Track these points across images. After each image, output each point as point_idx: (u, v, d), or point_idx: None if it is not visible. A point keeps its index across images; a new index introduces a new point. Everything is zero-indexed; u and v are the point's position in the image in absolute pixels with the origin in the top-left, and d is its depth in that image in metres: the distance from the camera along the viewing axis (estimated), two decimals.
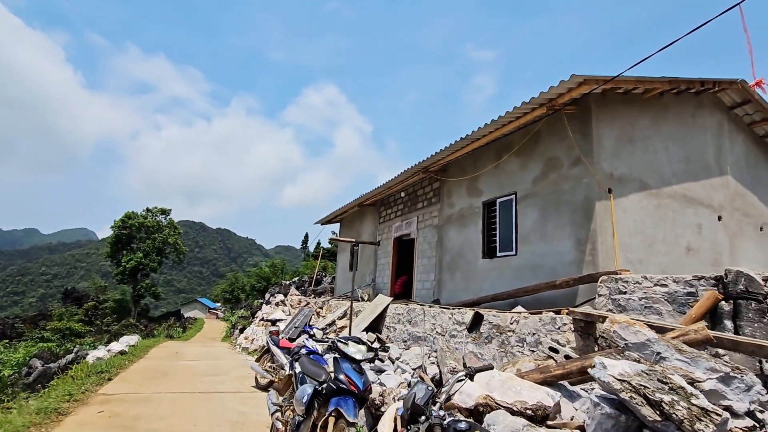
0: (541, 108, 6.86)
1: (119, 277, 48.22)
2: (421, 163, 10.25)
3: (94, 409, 5.08)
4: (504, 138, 8.55)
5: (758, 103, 8.52)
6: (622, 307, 5.02)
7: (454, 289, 9.66)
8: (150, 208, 53.05)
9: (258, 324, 14.50)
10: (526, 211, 7.82)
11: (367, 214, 15.37)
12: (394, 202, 13.37)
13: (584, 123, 6.86)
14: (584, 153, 6.70)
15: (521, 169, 8.10)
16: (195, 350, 12.81)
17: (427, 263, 10.96)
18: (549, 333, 5.28)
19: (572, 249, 6.73)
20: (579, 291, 6.56)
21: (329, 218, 17.28)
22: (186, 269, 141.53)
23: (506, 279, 8.02)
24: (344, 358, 3.42)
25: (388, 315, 9.46)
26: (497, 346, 6.04)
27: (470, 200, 9.55)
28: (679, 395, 2.50)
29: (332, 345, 3.53)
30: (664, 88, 7.14)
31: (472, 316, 3.01)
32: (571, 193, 6.91)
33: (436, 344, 7.42)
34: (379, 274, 13.66)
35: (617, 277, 5.18)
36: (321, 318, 12.48)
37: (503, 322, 6.04)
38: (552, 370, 3.67)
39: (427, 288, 10.80)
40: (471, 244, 9.27)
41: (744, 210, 8.49)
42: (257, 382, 6.84)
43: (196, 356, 11.14)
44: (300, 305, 15.18)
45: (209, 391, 6.35)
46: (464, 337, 6.77)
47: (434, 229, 10.86)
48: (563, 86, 6.26)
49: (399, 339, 8.66)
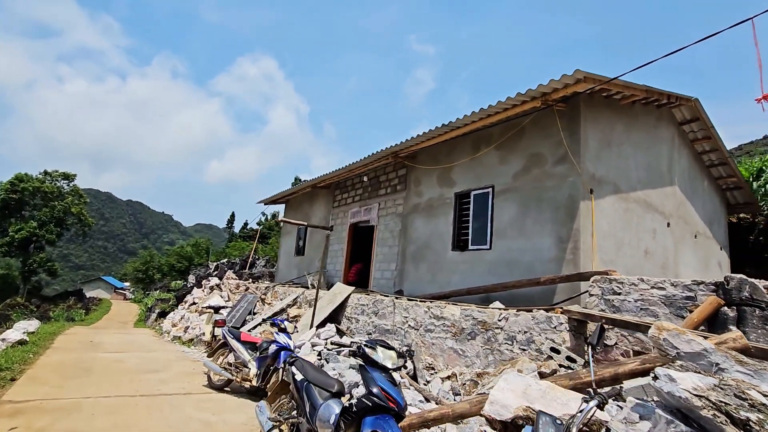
0: (535, 101, 6.72)
1: (5, 249, 41.31)
2: (391, 147, 9.77)
3: (1, 426, 3.92)
4: (483, 130, 8.36)
5: (704, 122, 9.29)
6: (615, 308, 5.05)
7: (418, 280, 9.39)
8: (49, 171, 46.01)
9: (191, 310, 13.06)
10: (504, 206, 7.72)
11: (319, 196, 14.53)
12: (352, 187, 12.73)
13: (573, 122, 6.86)
14: (572, 151, 6.70)
15: (501, 162, 7.97)
16: (114, 339, 11.14)
17: (387, 252, 10.57)
18: (543, 332, 5.17)
19: (552, 246, 6.74)
20: (557, 289, 6.60)
21: (275, 198, 16.11)
22: (87, 243, 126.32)
23: (478, 273, 7.90)
24: (373, 367, 2.88)
25: (350, 305, 8.93)
26: (482, 343, 5.83)
27: (441, 190, 9.28)
28: (763, 413, 2.36)
29: (357, 350, 2.96)
30: (641, 96, 7.39)
31: (598, 329, 2.57)
32: (555, 190, 6.90)
33: (408, 338, 7.08)
34: (330, 260, 12.99)
35: (611, 278, 5.19)
36: (267, 305, 11.54)
37: (490, 318, 5.84)
38: (582, 377, 3.48)
39: (386, 278, 10.42)
40: (440, 235, 9.03)
41: (685, 218, 9.27)
42: (211, 380, 5.95)
43: (119, 346, 9.64)
44: (239, 290, 13.99)
45: (153, 393, 5.34)
46: (442, 332, 6.49)
47: (398, 217, 10.47)
48: (563, 81, 6.15)
49: (362, 331, 8.19)
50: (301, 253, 15.04)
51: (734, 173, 10.47)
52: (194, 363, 7.79)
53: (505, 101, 6.85)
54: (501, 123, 7.96)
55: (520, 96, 6.72)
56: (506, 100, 6.82)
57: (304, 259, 14.71)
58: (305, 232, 14.96)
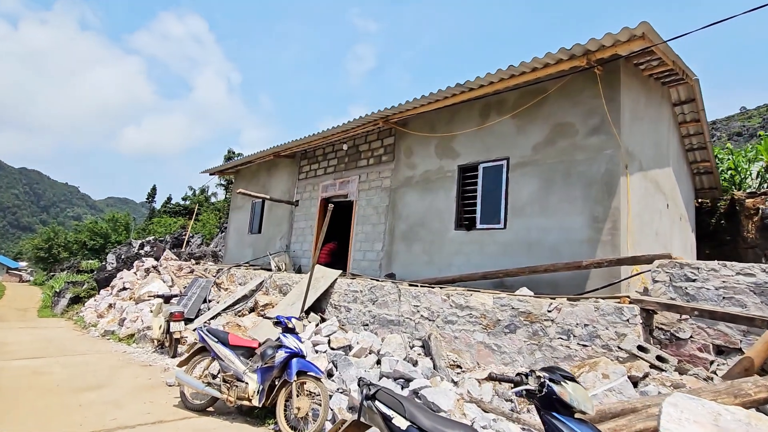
0: (574, 60, 5.87)
1: None
2: (382, 111, 8.48)
3: None
4: (495, 95, 7.42)
5: (696, 104, 9.21)
6: (690, 296, 4.44)
7: (410, 262, 8.37)
8: None
9: (122, 297, 10.81)
10: (522, 180, 6.91)
11: (280, 167, 12.77)
12: (324, 157, 11.23)
13: (611, 88, 6.14)
14: (612, 121, 6.00)
15: (518, 132, 7.11)
16: (22, 336, 8.75)
17: (371, 231, 9.39)
18: (612, 325, 4.43)
19: (585, 226, 6.07)
20: (590, 275, 5.97)
21: (225, 168, 13.98)
22: None
23: (489, 255, 7.08)
24: (566, 414, 1.79)
25: (337, 291, 7.68)
26: (525, 337, 5.00)
27: (440, 162, 8.25)
28: None
29: (538, 388, 1.85)
30: (665, 68, 6.90)
31: None
32: (588, 164, 6.19)
33: (420, 331, 6.08)
34: (296, 239, 11.48)
35: (682, 263, 4.58)
36: (224, 292, 9.83)
37: (536, 308, 5.01)
38: (753, 393, 2.71)
39: (370, 259, 9.27)
40: (439, 212, 8.04)
41: (675, 200, 9.24)
42: (186, 399, 4.44)
43: (32, 348, 7.46)
44: (182, 273, 11.95)
45: (109, 428, 3.76)
46: (468, 324, 5.57)
47: (384, 191, 9.29)
48: (613, 37, 5.34)
49: (357, 322, 7.03)
50: (256, 231, 13.25)
51: (709, 158, 10.73)
52: (146, 369, 6.09)
53: (543, 57, 5.92)
54: (518, 88, 7.07)
55: (556, 54, 5.83)
56: (545, 56, 5.89)
57: (261, 237, 12.98)
58: (262, 207, 13.17)
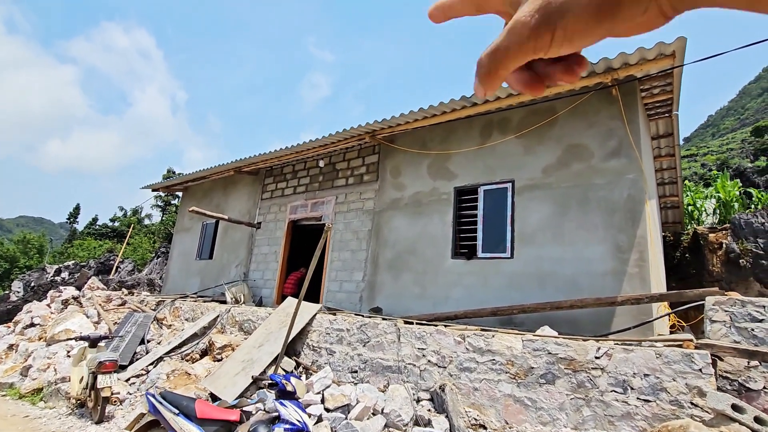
0: (597, 77, 5.46)
1: None
2: (368, 125, 7.65)
3: None
4: (497, 113, 6.89)
5: (673, 139, 9.37)
6: (759, 339, 3.87)
7: (398, 294, 7.36)
8: None
9: (29, 337, 8.57)
10: (530, 205, 6.29)
11: (238, 185, 11.35)
12: (293, 174, 10.06)
13: (629, 109, 5.77)
14: (633, 143, 5.58)
15: (525, 153, 6.55)
16: None
17: (350, 258, 8.28)
18: (680, 375, 3.71)
19: (607, 257, 5.49)
20: (615, 312, 5.34)
21: (173, 183, 12.23)
22: None
23: (494, 288, 6.29)
24: None
25: (316, 330, 6.43)
26: (568, 390, 4.15)
27: (434, 183, 7.48)
28: None
29: None
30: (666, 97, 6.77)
31: None
32: (608, 189, 5.69)
33: (428, 380, 5.04)
34: (256, 266, 10.02)
35: (744, 300, 4.03)
36: (167, 329, 8.10)
37: (580, 354, 4.20)
38: None
39: (348, 290, 8.11)
40: (433, 239, 7.19)
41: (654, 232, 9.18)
42: None
43: None
44: (111, 305, 9.91)
45: None
46: (491, 372, 4.64)
47: (366, 214, 8.30)
48: (639, 53, 4.97)
49: (343, 368, 5.82)
50: (207, 257, 11.54)
51: (678, 193, 11.01)
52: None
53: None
54: (524, 106, 6.58)
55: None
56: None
57: (212, 264, 11.29)
58: (215, 229, 11.56)
